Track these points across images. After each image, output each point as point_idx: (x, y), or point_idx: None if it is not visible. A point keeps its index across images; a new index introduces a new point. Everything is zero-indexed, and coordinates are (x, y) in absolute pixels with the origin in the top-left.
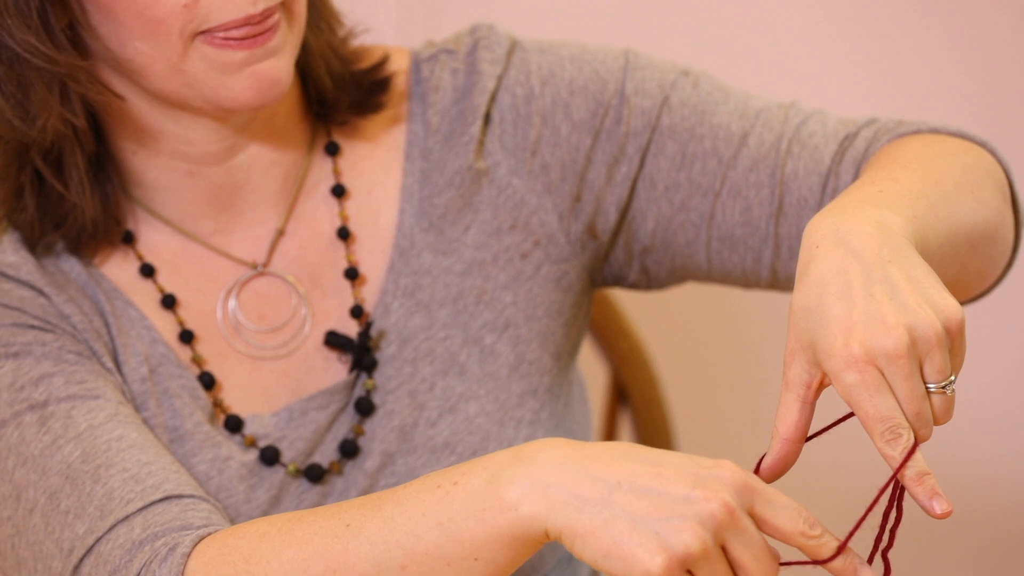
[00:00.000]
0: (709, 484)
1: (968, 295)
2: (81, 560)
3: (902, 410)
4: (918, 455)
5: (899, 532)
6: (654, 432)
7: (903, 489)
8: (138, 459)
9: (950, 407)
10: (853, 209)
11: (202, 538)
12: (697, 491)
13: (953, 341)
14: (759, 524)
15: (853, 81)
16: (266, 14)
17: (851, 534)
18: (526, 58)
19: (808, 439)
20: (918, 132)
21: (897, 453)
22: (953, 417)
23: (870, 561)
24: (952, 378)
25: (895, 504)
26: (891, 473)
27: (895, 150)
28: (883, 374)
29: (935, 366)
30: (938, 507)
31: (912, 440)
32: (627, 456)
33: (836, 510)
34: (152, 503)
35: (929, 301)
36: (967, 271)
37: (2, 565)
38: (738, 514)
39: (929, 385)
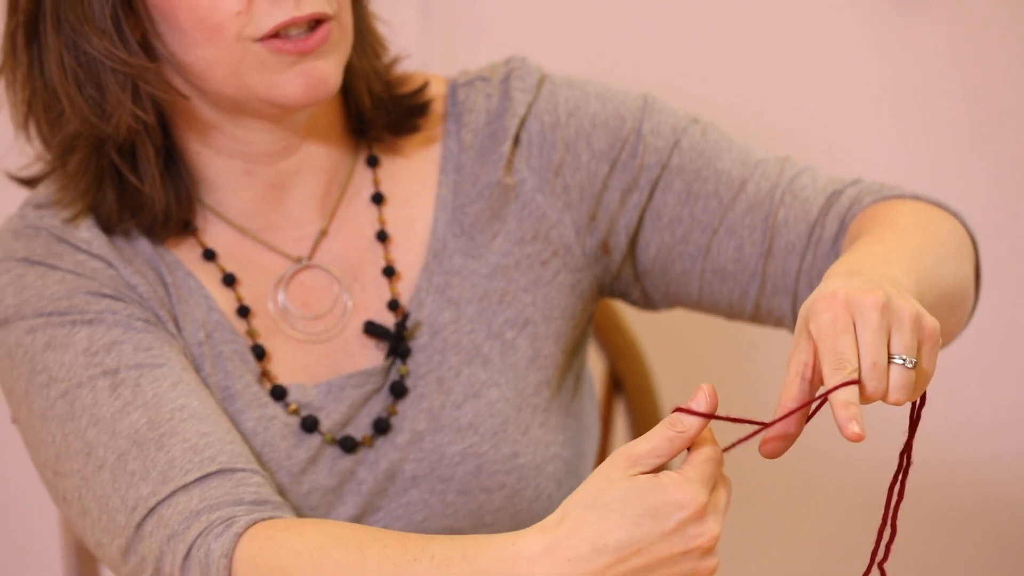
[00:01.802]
0: (693, 536)
1: None
2: (144, 519)
3: (860, 355)
4: (854, 388)
5: (907, 529)
6: (646, 418)
7: (897, 507)
8: (197, 429)
9: (906, 384)
10: (865, 260)
11: (252, 523)
12: (689, 554)
13: (924, 342)
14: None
15: (862, 91)
16: (313, 18)
17: (736, 443)
18: (555, 90)
19: (808, 418)
20: (901, 197)
21: (835, 380)
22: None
23: (867, 573)
24: (915, 360)
25: (889, 522)
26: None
27: (892, 212)
28: (855, 325)
29: (902, 341)
30: (849, 428)
31: (855, 376)
32: (607, 533)
33: (835, 500)
34: (208, 475)
35: (917, 308)
36: (944, 329)
37: (66, 512)
38: (719, 534)
39: (895, 356)
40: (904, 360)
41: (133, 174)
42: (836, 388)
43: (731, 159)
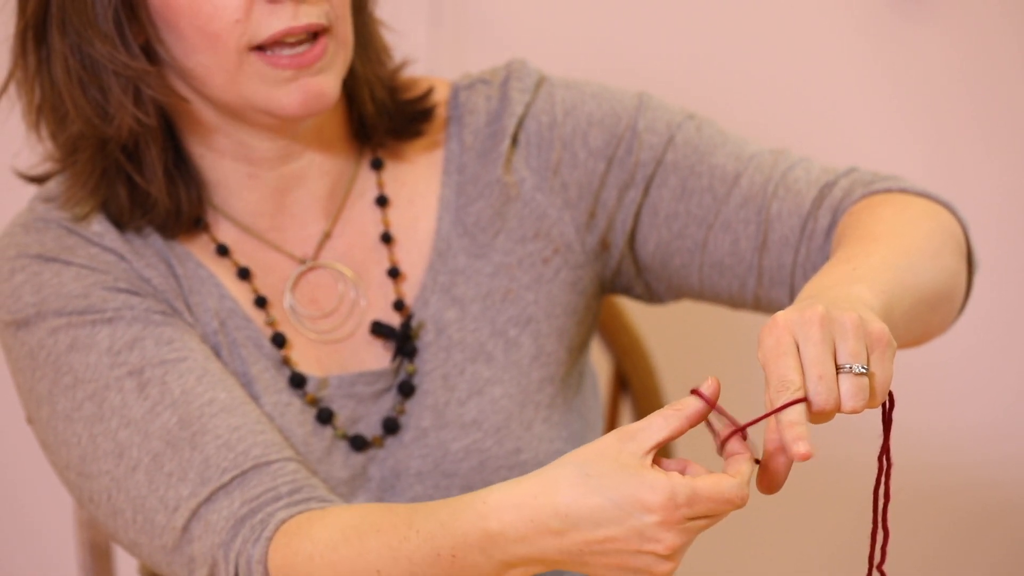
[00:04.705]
0: (649, 538)
1: (921, 344)
2: (189, 521)
3: (806, 371)
4: (800, 408)
5: (914, 533)
6: None
7: (884, 509)
8: (228, 424)
9: (858, 391)
10: (829, 281)
11: (283, 522)
12: (648, 547)
13: (873, 348)
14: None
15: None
16: (311, 29)
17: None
18: (552, 91)
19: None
20: (889, 191)
21: (780, 401)
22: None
23: (884, 540)
24: (865, 366)
25: (880, 525)
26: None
27: (872, 217)
28: (798, 344)
29: (847, 348)
30: (795, 448)
31: (799, 396)
32: (572, 504)
33: (834, 503)
34: (244, 472)
35: (859, 314)
36: (928, 328)
37: (93, 512)
38: (682, 545)
39: (843, 365)
40: (852, 367)
41: (139, 175)
42: (782, 408)
43: (725, 154)
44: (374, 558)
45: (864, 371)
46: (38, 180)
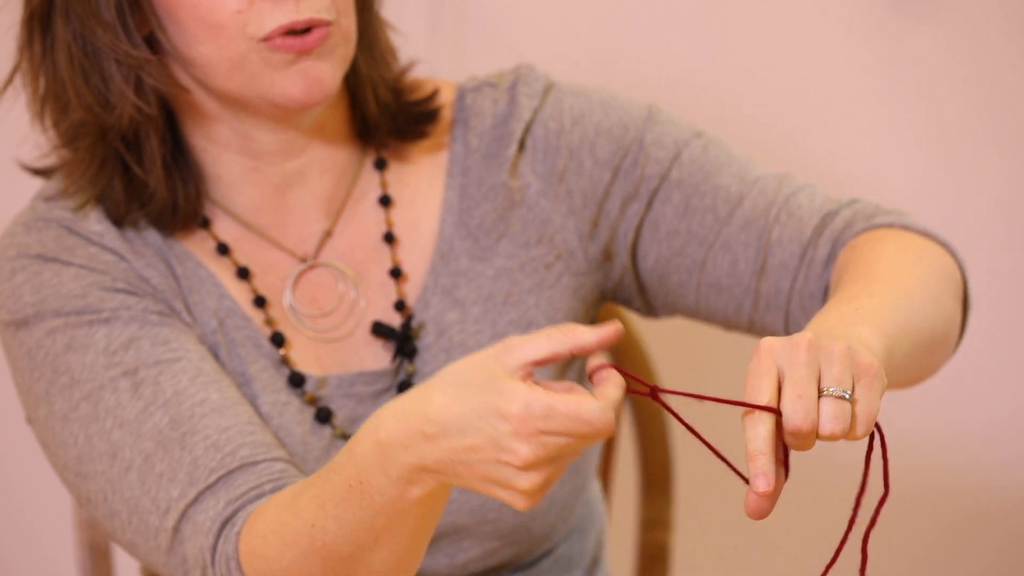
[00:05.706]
0: (505, 449)
1: (913, 385)
2: (179, 522)
3: (785, 391)
4: (764, 437)
5: (910, 534)
6: (650, 416)
7: (855, 512)
8: (218, 424)
9: (839, 414)
10: (831, 321)
11: (250, 514)
12: (504, 457)
13: (859, 377)
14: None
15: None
16: (312, 23)
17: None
18: (560, 98)
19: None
20: (891, 226)
21: (747, 424)
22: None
23: (862, 565)
24: (848, 392)
25: (861, 527)
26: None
27: (874, 254)
28: (782, 370)
29: (832, 374)
30: (756, 484)
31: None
32: (441, 410)
33: (822, 506)
34: (231, 471)
35: (849, 344)
36: (923, 371)
37: (92, 512)
38: (537, 459)
39: (828, 388)
40: (833, 391)
41: (138, 166)
42: (755, 408)
43: (730, 175)
44: (307, 513)
45: (846, 396)
46: (42, 173)
